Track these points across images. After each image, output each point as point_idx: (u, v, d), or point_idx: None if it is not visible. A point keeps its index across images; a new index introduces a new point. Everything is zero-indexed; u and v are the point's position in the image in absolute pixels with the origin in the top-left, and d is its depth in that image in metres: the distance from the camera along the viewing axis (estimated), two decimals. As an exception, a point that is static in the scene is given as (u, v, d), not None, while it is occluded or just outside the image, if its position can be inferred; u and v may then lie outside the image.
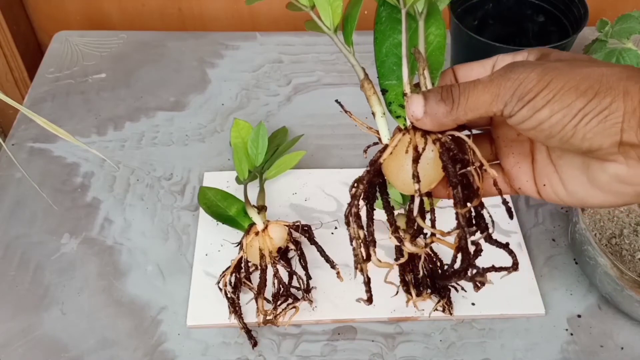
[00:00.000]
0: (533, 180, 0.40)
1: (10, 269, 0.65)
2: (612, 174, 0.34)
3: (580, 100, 0.32)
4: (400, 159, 0.37)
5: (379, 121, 0.40)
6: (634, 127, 0.32)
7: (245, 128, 0.74)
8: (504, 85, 0.34)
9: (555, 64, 0.34)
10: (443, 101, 0.36)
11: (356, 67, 0.41)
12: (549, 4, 0.75)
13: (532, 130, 0.34)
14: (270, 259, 0.59)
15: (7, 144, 0.78)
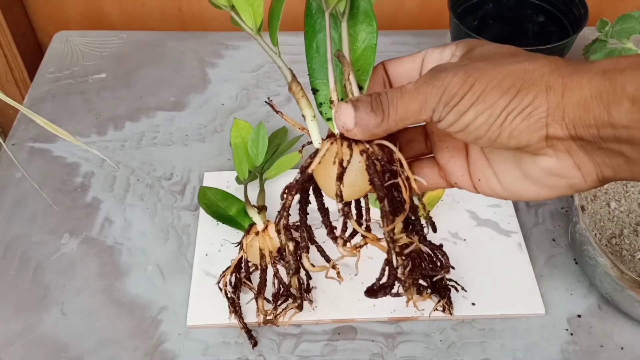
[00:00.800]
0: (468, 174, 0.40)
1: (10, 269, 0.65)
2: (543, 167, 0.34)
3: (503, 99, 0.32)
4: (328, 168, 0.37)
5: (309, 124, 0.39)
6: (559, 121, 0.32)
7: (246, 128, 0.74)
8: (430, 93, 0.34)
9: (477, 64, 0.34)
10: (374, 112, 0.35)
11: (283, 68, 0.40)
12: (549, 4, 0.75)
13: (460, 133, 0.34)
14: (270, 259, 0.59)
15: (7, 144, 0.78)
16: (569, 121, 0.32)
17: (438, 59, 0.39)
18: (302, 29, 0.41)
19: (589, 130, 0.31)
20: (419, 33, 0.93)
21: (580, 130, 0.32)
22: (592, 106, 0.31)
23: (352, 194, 0.38)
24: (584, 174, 0.34)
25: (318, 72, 0.40)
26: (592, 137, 0.32)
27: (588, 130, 0.31)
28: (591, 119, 0.31)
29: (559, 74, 0.32)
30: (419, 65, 0.40)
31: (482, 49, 0.36)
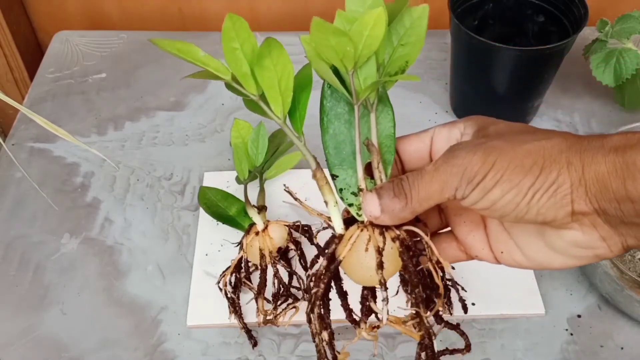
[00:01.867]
0: (489, 247, 0.40)
1: (10, 269, 0.65)
2: (569, 240, 0.35)
3: (528, 178, 0.33)
4: (359, 255, 0.37)
5: (332, 210, 0.40)
6: (583, 196, 0.32)
7: (246, 128, 0.74)
8: (450, 172, 0.34)
9: (494, 143, 0.34)
10: (397, 197, 0.36)
11: (308, 156, 0.40)
12: (549, 4, 0.75)
13: (486, 210, 0.35)
14: (270, 259, 0.59)
15: (7, 144, 0.78)
16: (591, 196, 0.32)
17: (447, 137, 0.39)
18: (301, 29, 0.41)
19: (611, 205, 0.32)
20: (419, 33, 0.93)
21: (603, 204, 0.32)
22: (610, 181, 0.32)
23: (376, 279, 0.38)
24: (610, 244, 0.34)
25: (336, 158, 0.40)
26: (615, 211, 0.32)
27: (610, 204, 0.32)
28: (611, 193, 0.32)
29: (576, 150, 0.33)
30: (427, 145, 0.40)
31: (495, 127, 0.37)
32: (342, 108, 0.41)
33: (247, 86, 0.40)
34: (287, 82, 0.39)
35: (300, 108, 0.41)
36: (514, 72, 0.72)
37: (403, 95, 0.84)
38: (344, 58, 0.37)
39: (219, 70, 0.40)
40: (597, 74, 0.74)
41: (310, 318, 0.38)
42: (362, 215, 0.39)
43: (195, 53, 0.40)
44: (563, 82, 0.84)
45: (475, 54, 0.72)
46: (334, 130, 0.41)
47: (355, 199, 0.39)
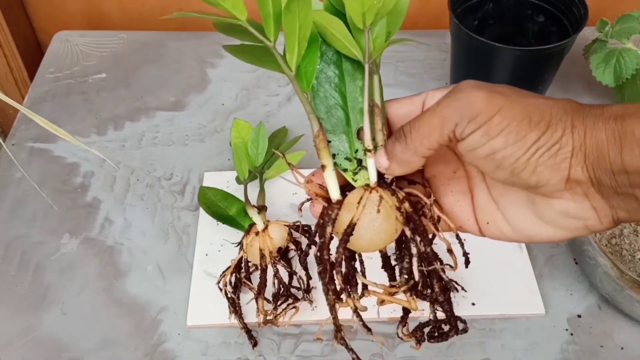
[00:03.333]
0: (474, 218, 0.39)
1: (10, 269, 0.65)
2: (559, 209, 0.34)
3: (535, 133, 0.32)
4: (371, 218, 0.36)
5: (328, 175, 0.38)
6: (581, 163, 0.32)
7: (246, 128, 0.74)
8: (452, 105, 0.33)
9: (500, 89, 0.34)
10: (397, 140, 0.36)
11: (311, 115, 0.38)
12: (549, 4, 0.75)
13: (482, 159, 0.34)
14: (270, 259, 0.59)
15: (7, 144, 0.78)
16: (589, 163, 0.32)
17: None
18: None
19: (607, 175, 0.32)
20: (419, 33, 0.93)
21: (599, 173, 0.32)
22: (608, 150, 0.31)
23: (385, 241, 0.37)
24: (600, 216, 0.34)
25: (327, 123, 0.39)
26: (610, 181, 0.32)
27: (606, 174, 0.32)
28: (607, 163, 0.31)
29: (580, 114, 0.32)
30: (419, 108, 0.39)
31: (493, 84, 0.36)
32: (332, 71, 0.40)
33: (267, 29, 0.38)
34: (306, 31, 0.37)
35: (308, 64, 0.39)
36: (514, 72, 0.72)
37: (403, 94, 0.83)
38: (368, 11, 0.36)
39: (237, 8, 0.37)
40: (597, 74, 0.74)
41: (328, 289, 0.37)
42: (357, 180, 0.38)
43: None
44: (563, 82, 0.84)
45: (475, 54, 0.72)
46: (324, 93, 0.40)
47: (350, 164, 0.38)
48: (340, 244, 0.37)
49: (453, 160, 0.40)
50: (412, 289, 0.38)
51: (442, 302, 0.37)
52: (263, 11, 0.37)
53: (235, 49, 0.39)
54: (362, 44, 0.38)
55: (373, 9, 0.36)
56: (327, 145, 0.38)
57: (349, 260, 0.38)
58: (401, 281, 0.37)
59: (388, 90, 0.84)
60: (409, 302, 0.37)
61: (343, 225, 0.37)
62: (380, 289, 0.37)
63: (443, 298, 0.37)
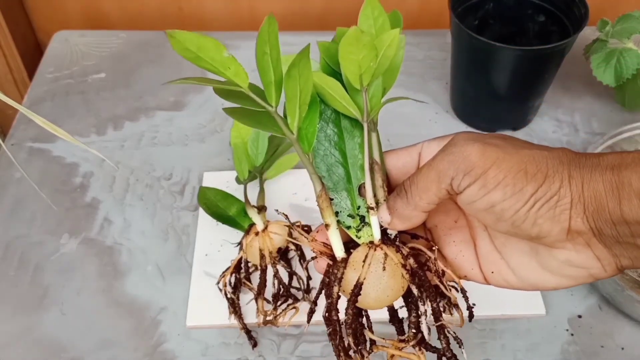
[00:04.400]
0: (479, 267, 0.39)
1: (9, 269, 0.65)
2: (562, 259, 0.34)
3: (532, 185, 0.32)
4: (377, 276, 0.37)
5: (332, 234, 0.39)
6: (580, 214, 0.32)
7: (245, 128, 0.73)
8: (447, 160, 0.34)
9: (494, 141, 0.34)
10: (398, 196, 0.36)
11: (313, 176, 0.39)
12: (549, 4, 0.75)
13: (482, 212, 0.34)
14: (270, 259, 0.59)
15: (6, 144, 0.78)
16: (589, 214, 0.32)
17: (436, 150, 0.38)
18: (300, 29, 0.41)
19: (607, 225, 0.31)
20: (419, 33, 0.93)
21: (599, 223, 0.32)
22: (607, 201, 0.31)
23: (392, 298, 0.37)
24: (604, 264, 0.33)
25: (329, 181, 0.40)
26: (611, 231, 0.32)
27: (606, 224, 0.31)
28: (607, 213, 0.31)
29: (576, 165, 0.32)
30: (415, 160, 0.39)
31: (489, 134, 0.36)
32: (331, 130, 0.41)
33: (269, 95, 0.39)
34: (306, 95, 0.38)
35: (309, 125, 0.40)
36: (515, 72, 0.72)
37: (403, 94, 0.83)
38: (364, 73, 0.37)
39: (239, 76, 0.38)
40: (597, 73, 0.74)
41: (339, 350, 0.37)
42: (361, 237, 0.39)
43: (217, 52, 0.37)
44: (563, 82, 0.84)
45: (476, 54, 0.72)
46: (324, 152, 0.40)
47: (353, 220, 0.39)
48: (349, 305, 0.37)
49: (454, 209, 0.40)
50: (420, 342, 0.38)
51: (449, 357, 0.38)
52: (264, 79, 0.38)
53: (236, 112, 0.41)
54: (359, 103, 0.39)
55: (369, 71, 0.37)
56: (330, 204, 0.39)
57: (356, 317, 0.38)
58: (409, 335, 0.38)
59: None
60: (417, 357, 0.38)
61: (350, 284, 0.37)
62: (389, 344, 0.38)
63: (450, 354, 0.37)
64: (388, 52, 0.37)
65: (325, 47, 0.40)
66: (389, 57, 0.37)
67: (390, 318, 0.40)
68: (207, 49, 0.36)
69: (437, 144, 0.38)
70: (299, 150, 0.39)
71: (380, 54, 0.37)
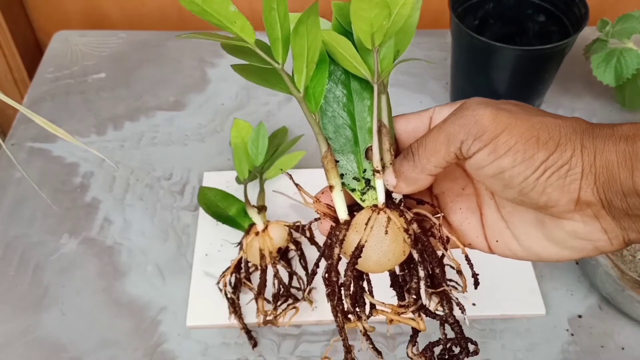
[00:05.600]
0: (484, 235, 0.38)
1: (9, 269, 0.65)
2: (569, 230, 0.34)
3: (542, 152, 0.31)
4: (379, 239, 0.36)
5: (336, 195, 0.38)
6: (591, 185, 0.31)
7: (245, 128, 0.74)
8: (458, 123, 0.33)
9: (507, 107, 0.33)
10: (405, 158, 0.36)
11: (319, 136, 0.38)
12: (549, 4, 0.75)
13: (490, 178, 0.33)
14: (270, 259, 0.59)
15: (6, 144, 0.78)
16: (599, 185, 0.31)
17: None
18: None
19: (617, 196, 0.31)
20: (419, 32, 0.92)
21: (609, 195, 0.31)
22: (619, 171, 0.31)
23: (393, 263, 0.37)
24: (611, 237, 0.33)
25: (335, 143, 0.39)
26: (621, 203, 0.31)
27: (616, 196, 0.31)
28: (618, 184, 0.31)
29: (589, 134, 0.32)
30: (426, 125, 0.38)
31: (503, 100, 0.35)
32: (340, 91, 0.40)
33: (275, 52, 0.37)
34: (314, 53, 0.37)
35: (317, 85, 0.39)
36: (515, 72, 0.72)
37: (403, 94, 0.84)
38: (376, 32, 0.36)
39: (245, 31, 0.36)
40: (597, 73, 0.74)
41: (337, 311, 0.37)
42: (365, 201, 0.38)
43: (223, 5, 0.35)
44: (564, 82, 0.84)
45: (476, 54, 0.72)
46: (332, 113, 0.39)
47: (358, 184, 0.38)
48: (349, 266, 0.37)
49: (462, 176, 0.39)
50: (420, 308, 0.37)
51: (452, 323, 0.37)
52: (271, 35, 0.37)
53: (243, 69, 0.39)
54: (370, 64, 0.38)
55: (382, 30, 0.36)
56: (335, 165, 0.38)
57: (357, 280, 0.38)
58: (409, 301, 0.37)
59: (389, 90, 0.84)
60: (417, 322, 0.37)
61: (351, 246, 0.37)
62: (389, 308, 0.38)
63: (453, 319, 0.37)
64: (402, 11, 0.35)
65: (339, 6, 0.39)
66: (403, 17, 0.36)
67: (392, 282, 0.40)
68: (213, 1, 0.35)
69: (448, 109, 0.37)
70: (306, 110, 0.38)
71: (394, 12, 0.35)
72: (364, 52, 0.38)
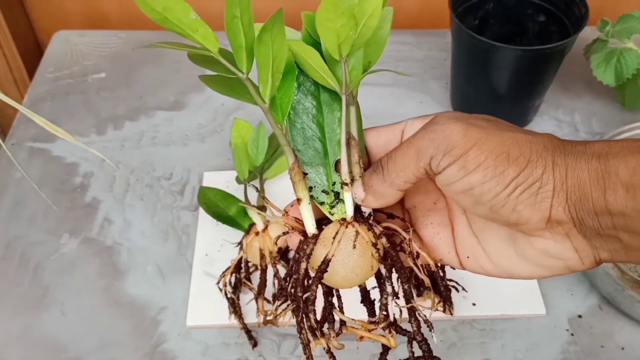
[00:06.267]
0: (455, 251, 0.38)
1: (9, 269, 0.65)
2: (539, 248, 0.33)
3: (513, 169, 0.31)
4: (346, 253, 0.36)
5: (304, 209, 0.38)
6: (562, 203, 0.31)
7: (246, 128, 0.74)
8: (427, 138, 0.32)
9: (478, 122, 0.33)
10: (375, 172, 0.35)
11: (286, 147, 0.38)
12: (549, 4, 0.75)
13: (460, 194, 0.33)
14: (270, 259, 0.59)
15: (6, 144, 0.78)
16: (571, 204, 0.31)
17: None
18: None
19: (589, 215, 0.30)
20: (419, 33, 0.93)
21: (581, 214, 0.31)
22: (591, 190, 0.30)
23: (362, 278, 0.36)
24: (582, 256, 0.32)
25: (304, 155, 0.38)
26: (592, 222, 0.31)
27: (588, 215, 0.30)
28: (590, 203, 0.30)
29: (561, 151, 0.31)
30: (398, 138, 0.37)
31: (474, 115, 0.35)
32: (309, 102, 0.39)
33: (239, 61, 0.37)
34: (280, 62, 0.36)
35: (284, 95, 0.38)
36: (515, 72, 0.72)
37: (403, 94, 0.84)
38: (343, 42, 0.35)
39: (207, 40, 0.36)
40: (597, 73, 0.74)
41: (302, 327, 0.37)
42: (334, 214, 0.37)
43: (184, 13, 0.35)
44: (564, 82, 0.84)
45: (476, 54, 0.72)
46: (302, 125, 0.39)
47: (327, 197, 0.38)
48: (314, 280, 0.36)
49: (434, 190, 0.39)
50: (390, 325, 0.37)
51: (419, 341, 0.36)
52: (233, 43, 0.36)
53: (210, 80, 0.39)
54: (338, 75, 0.37)
55: (349, 41, 0.35)
56: (303, 178, 0.38)
57: (327, 296, 0.37)
58: (380, 317, 0.37)
59: (389, 90, 0.84)
60: (387, 339, 0.37)
61: (318, 261, 0.36)
62: (359, 325, 0.37)
63: (421, 337, 0.36)
64: (370, 22, 0.35)
65: (309, 17, 0.39)
66: (371, 27, 0.35)
67: (362, 298, 0.39)
68: (173, 10, 0.35)
69: (420, 122, 0.36)
70: (272, 121, 0.37)
71: (361, 23, 0.34)
72: (332, 63, 0.37)
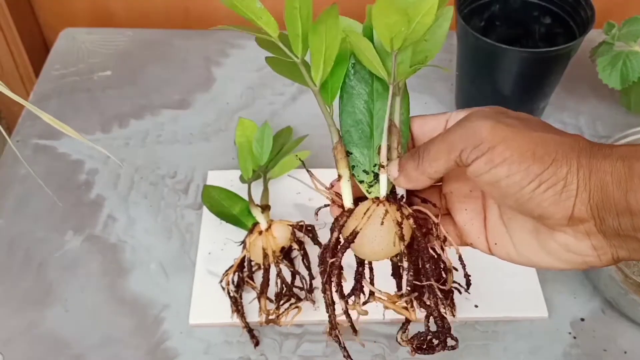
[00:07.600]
0: (485, 237, 0.40)
1: (14, 265, 0.65)
2: (560, 243, 0.35)
3: (537, 166, 0.33)
4: (374, 229, 0.39)
5: (344, 185, 0.41)
6: (585, 203, 0.32)
7: (250, 127, 0.74)
8: (458, 132, 0.35)
9: (508, 120, 0.35)
10: (412, 157, 0.38)
11: (332, 127, 0.41)
12: (555, 6, 0.74)
13: (488, 185, 0.35)
14: (273, 258, 0.59)
15: (12, 141, 0.78)
16: (593, 204, 0.32)
17: None
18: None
19: (610, 215, 0.32)
20: (425, 34, 0.93)
21: (602, 213, 0.32)
22: (613, 191, 0.32)
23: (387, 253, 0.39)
24: (600, 254, 0.34)
25: (352, 136, 0.42)
26: (613, 222, 0.32)
27: (609, 215, 0.32)
28: (612, 204, 0.32)
29: (587, 154, 0.33)
30: (443, 126, 0.40)
31: (511, 113, 0.37)
32: (362, 89, 0.42)
33: (295, 47, 0.41)
34: (332, 51, 0.40)
35: (334, 80, 0.42)
36: (520, 74, 0.72)
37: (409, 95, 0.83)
38: (395, 37, 0.38)
39: (269, 26, 0.40)
40: (603, 76, 0.73)
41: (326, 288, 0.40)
42: (371, 193, 0.40)
43: (252, 1, 0.40)
44: (569, 85, 0.84)
45: (482, 55, 0.72)
46: (353, 108, 0.42)
47: (367, 176, 0.41)
48: (341, 248, 0.39)
49: (470, 179, 0.40)
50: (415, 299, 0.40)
51: (436, 317, 0.39)
52: (291, 31, 0.40)
53: (273, 61, 0.43)
54: (388, 66, 0.40)
55: (400, 36, 0.38)
56: (345, 156, 0.41)
57: (359, 266, 0.41)
58: (405, 291, 0.40)
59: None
60: (409, 312, 0.40)
61: (348, 232, 0.39)
62: (385, 296, 0.40)
63: (437, 313, 0.39)
64: (425, 20, 0.38)
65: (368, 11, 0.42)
66: (426, 25, 0.38)
67: (393, 272, 0.42)
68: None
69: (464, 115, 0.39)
70: (321, 102, 0.41)
71: (415, 20, 0.37)
72: (384, 54, 0.40)
